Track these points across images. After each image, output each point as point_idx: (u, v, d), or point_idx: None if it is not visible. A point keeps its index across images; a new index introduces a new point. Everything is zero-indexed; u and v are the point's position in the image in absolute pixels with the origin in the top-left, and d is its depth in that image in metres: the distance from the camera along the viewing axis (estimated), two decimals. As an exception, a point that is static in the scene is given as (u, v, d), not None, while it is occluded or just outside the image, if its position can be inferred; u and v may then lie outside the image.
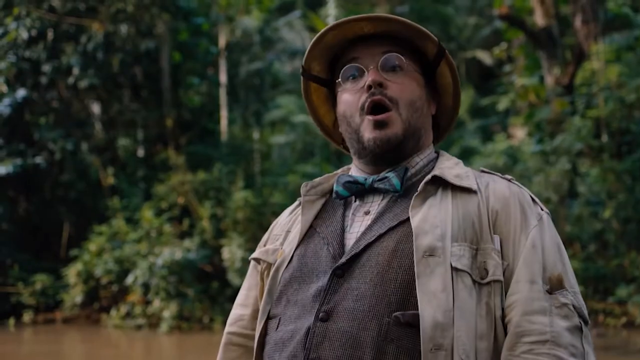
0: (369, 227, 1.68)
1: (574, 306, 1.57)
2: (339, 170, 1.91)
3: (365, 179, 1.75)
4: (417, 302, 1.52)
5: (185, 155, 18.51)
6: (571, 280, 1.62)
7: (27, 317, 16.80)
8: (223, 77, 22.30)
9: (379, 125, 1.71)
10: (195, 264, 15.33)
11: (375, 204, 1.74)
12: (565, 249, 1.64)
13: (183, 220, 16.80)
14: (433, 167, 1.78)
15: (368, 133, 1.73)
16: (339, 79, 1.80)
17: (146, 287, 15.24)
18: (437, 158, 1.83)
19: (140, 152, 20.63)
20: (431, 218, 1.61)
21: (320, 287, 1.63)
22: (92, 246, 16.43)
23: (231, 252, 15.09)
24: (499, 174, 1.79)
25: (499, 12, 16.85)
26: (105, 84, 19.08)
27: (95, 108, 20.46)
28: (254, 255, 1.89)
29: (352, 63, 1.78)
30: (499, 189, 1.70)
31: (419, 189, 1.67)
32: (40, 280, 16.88)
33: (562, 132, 14.12)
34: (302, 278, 1.69)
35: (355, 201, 1.78)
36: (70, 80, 18.59)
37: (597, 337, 11.00)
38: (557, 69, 15.82)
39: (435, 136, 1.91)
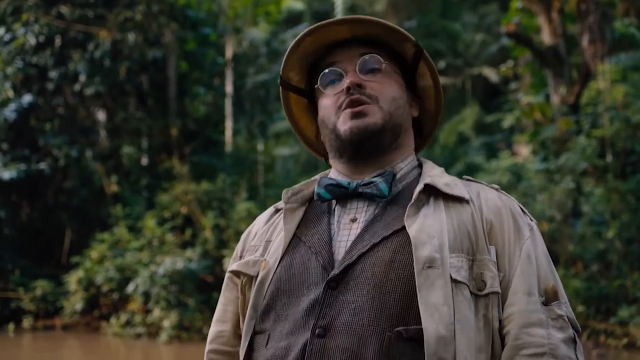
0: (360, 236, 1.63)
1: (568, 317, 1.59)
2: (317, 176, 1.85)
3: (349, 183, 1.71)
4: (417, 315, 1.50)
5: (189, 165, 18.53)
6: (562, 291, 1.64)
7: (26, 322, 16.77)
8: (229, 88, 22.38)
9: (356, 115, 1.68)
10: (196, 274, 15.29)
11: (362, 211, 1.69)
12: (568, 268, 1.64)
13: (185, 229, 16.78)
14: (418, 174, 1.76)
15: (344, 124, 1.70)
16: (318, 84, 1.77)
17: (147, 296, 15.21)
18: (420, 165, 1.81)
19: (144, 161, 20.65)
20: (427, 228, 1.58)
21: (313, 300, 1.57)
22: (94, 253, 16.41)
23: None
24: (484, 182, 1.77)
25: (506, 30, 16.87)
26: (112, 92, 19.11)
27: (101, 115, 20.50)
28: (233, 268, 1.81)
29: (331, 67, 1.75)
30: (491, 199, 1.69)
31: (413, 197, 1.63)
32: (41, 286, 16.86)
33: (567, 151, 14.11)
34: (291, 291, 1.63)
35: (336, 205, 1.73)
36: (77, 87, 18.64)
37: (598, 357, 10.94)
38: (563, 87, 15.83)
39: (419, 143, 1.88)
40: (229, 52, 22.64)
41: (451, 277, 1.53)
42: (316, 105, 1.83)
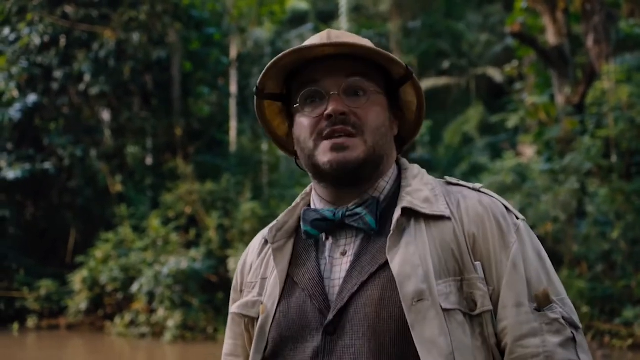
0: (349, 274, 1.61)
1: (564, 318, 1.56)
2: (299, 199, 1.81)
3: (334, 214, 1.66)
4: (415, 352, 1.49)
5: (193, 164, 18.54)
6: (557, 288, 1.60)
7: (31, 322, 16.80)
8: (233, 88, 22.37)
9: (337, 148, 1.62)
10: (200, 273, 15.31)
11: (351, 242, 1.66)
12: (572, 268, 1.60)
13: (190, 229, 16.80)
14: (399, 187, 1.70)
15: (323, 156, 1.63)
16: (297, 104, 1.69)
17: (151, 295, 15.23)
18: (399, 173, 1.75)
19: (149, 161, 20.67)
20: (411, 257, 1.55)
21: (316, 348, 1.58)
22: (98, 253, 16.44)
23: (237, 263, 15.03)
24: (466, 184, 1.72)
25: (510, 30, 16.85)
26: (116, 92, 19.14)
27: (105, 115, 20.53)
28: (234, 310, 1.81)
29: (312, 86, 1.67)
30: (472, 207, 1.63)
31: (392, 227, 1.59)
32: (46, 285, 16.89)
33: (572, 152, 14.09)
34: (294, 337, 1.63)
35: (327, 238, 1.70)
36: (81, 86, 18.66)
37: (602, 358, 10.92)
38: (568, 87, 15.82)
39: (398, 146, 1.81)
40: (233, 52, 22.64)
41: (441, 306, 1.52)
42: (290, 110, 1.76)
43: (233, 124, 22.42)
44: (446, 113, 27.70)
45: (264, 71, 1.71)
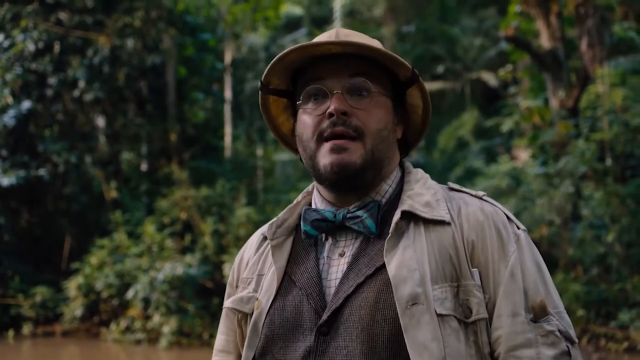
0: (346, 275, 1.60)
1: (559, 331, 1.55)
2: (300, 197, 1.81)
3: (335, 215, 1.65)
4: (408, 356, 1.48)
5: (188, 170, 18.53)
6: (555, 301, 1.59)
7: (26, 329, 16.74)
8: (228, 93, 22.38)
9: (336, 149, 1.61)
10: (196, 279, 15.28)
11: (350, 244, 1.66)
12: (568, 272, 1.60)
13: (185, 235, 16.77)
14: (401, 190, 1.70)
15: (324, 158, 1.63)
16: (300, 100, 1.69)
17: (146, 301, 15.19)
18: (402, 177, 1.75)
19: (144, 167, 20.63)
20: (407, 261, 1.54)
21: (308, 348, 1.57)
22: (93, 259, 16.39)
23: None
24: (469, 190, 1.71)
25: (504, 34, 16.88)
26: (111, 98, 19.11)
27: (100, 121, 20.49)
28: (228, 305, 1.81)
29: (316, 83, 1.66)
30: (472, 214, 1.62)
31: (390, 231, 1.59)
32: (41, 292, 16.84)
33: (566, 155, 14.10)
34: (286, 336, 1.62)
35: (326, 239, 1.69)
36: (76, 93, 18.63)
37: (598, 361, 10.94)
38: (562, 91, 15.84)
39: (402, 151, 1.81)
40: (227, 58, 22.65)
41: (436, 312, 1.51)
42: (295, 107, 1.76)
43: (228, 130, 22.43)
44: (441, 117, 27.72)
45: (269, 66, 1.70)
